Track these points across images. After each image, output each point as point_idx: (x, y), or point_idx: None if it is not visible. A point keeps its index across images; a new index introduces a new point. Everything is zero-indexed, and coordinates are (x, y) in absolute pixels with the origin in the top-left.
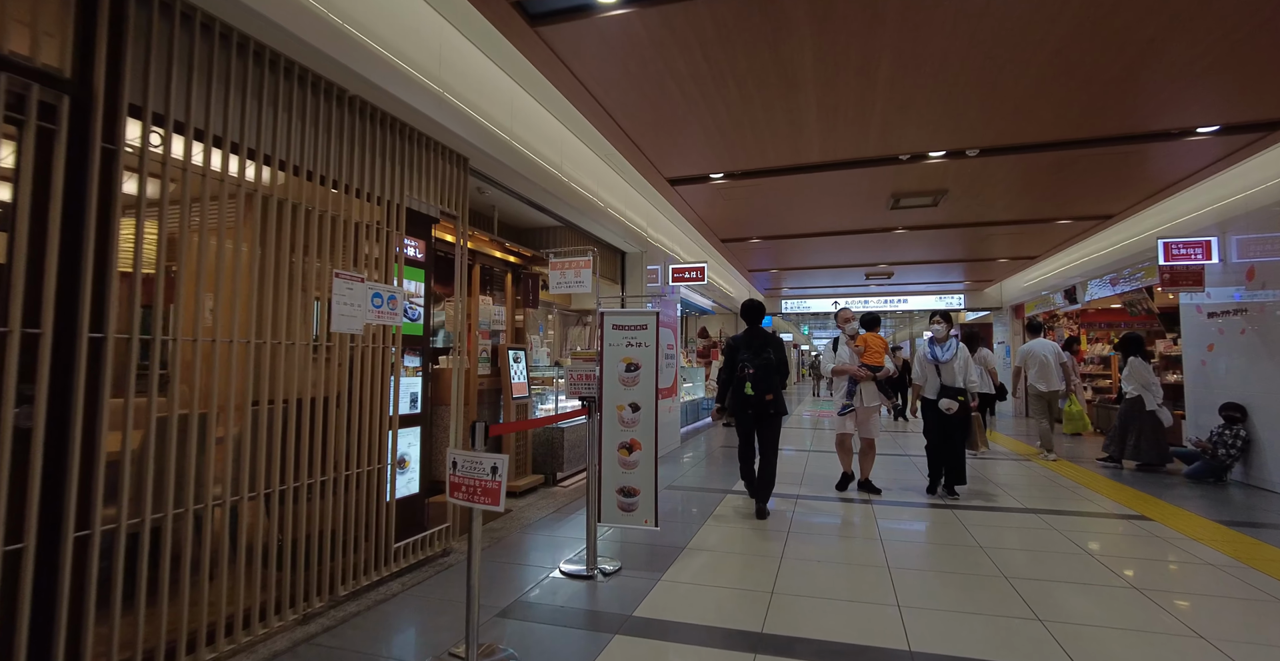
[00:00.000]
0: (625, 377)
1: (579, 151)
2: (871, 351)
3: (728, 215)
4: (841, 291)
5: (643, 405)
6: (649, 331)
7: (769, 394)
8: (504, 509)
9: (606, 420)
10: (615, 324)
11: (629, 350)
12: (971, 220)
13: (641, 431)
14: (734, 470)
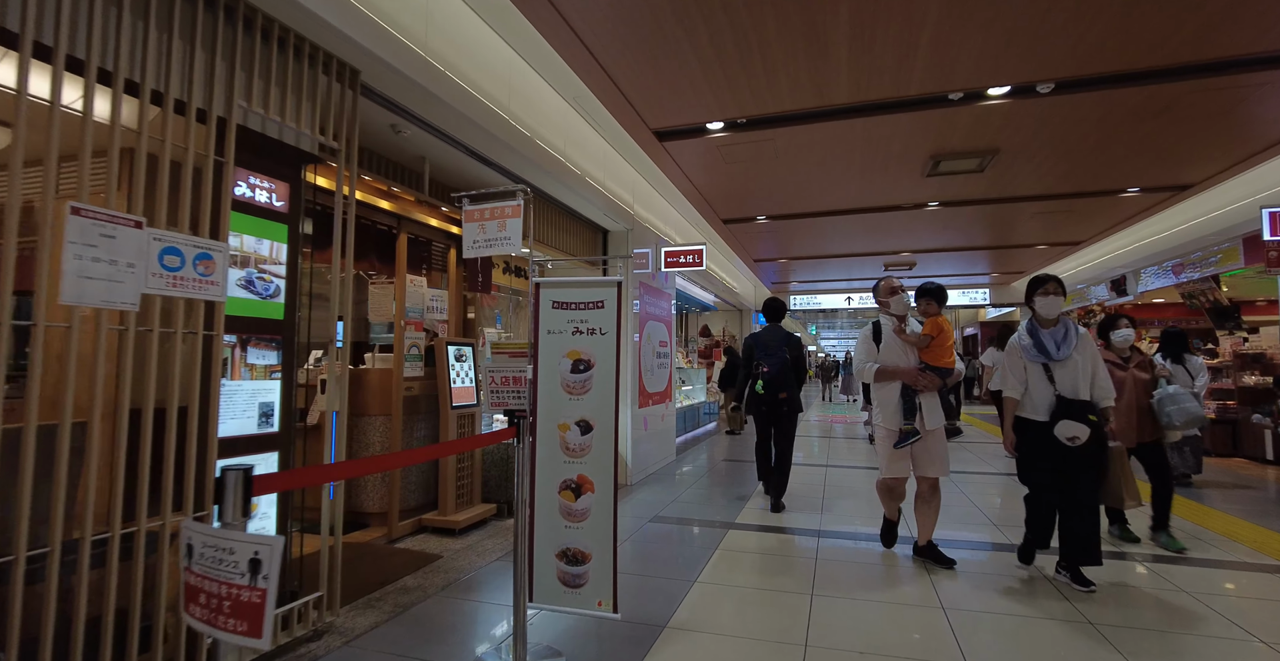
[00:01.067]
0: (571, 382)
1: (535, 88)
2: (939, 345)
3: (730, 186)
4: (856, 285)
5: (597, 423)
6: (607, 312)
7: (783, 393)
8: (268, 646)
9: (543, 446)
10: (556, 300)
11: (577, 340)
12: (1019, 193)
13: (594, 464)
14: (739, 492)
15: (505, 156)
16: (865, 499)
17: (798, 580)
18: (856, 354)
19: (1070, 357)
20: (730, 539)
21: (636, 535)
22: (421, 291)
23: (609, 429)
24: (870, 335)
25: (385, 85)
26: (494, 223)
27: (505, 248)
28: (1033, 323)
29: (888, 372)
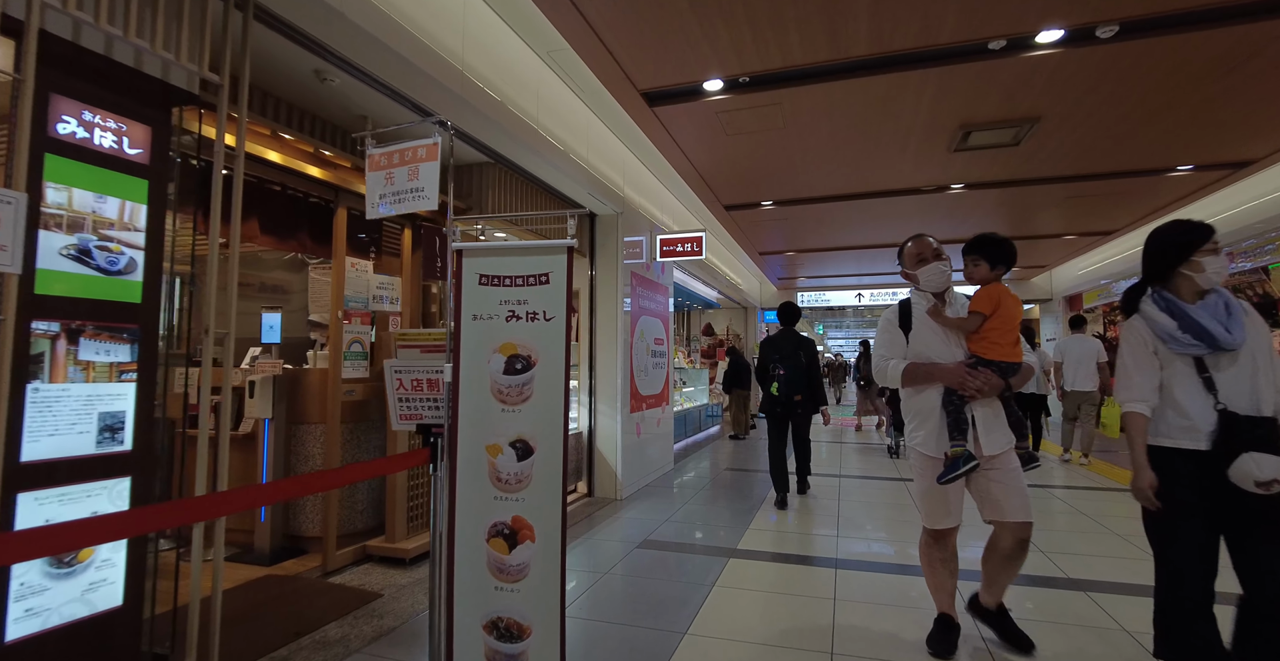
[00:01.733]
0: (504, 386)
1: (497, 36)
2: (997, 329)
3: (732, 164)
4: (867, 280)
5: (540, 445)
6: (554, 289)
7: (797, 395)
8: None
9: (465, 475)
10: (485, 273)
11: (513, 329)
12: (1054, 173)
13: (536, 501)
14: (744, 507)
15: (465, 117)
16: (884, 511)
17: (812, 635)
18: (876, 347)
19: (1242, 346)
20: (731, 571)
21: (622, 564)
22: (366, 277)
23: (555, 451)
24: (895, 319)
25: (293, 11)
26: (403, 170)
27: (418, 202)
28: (1162, 294)
29: (922, 372)
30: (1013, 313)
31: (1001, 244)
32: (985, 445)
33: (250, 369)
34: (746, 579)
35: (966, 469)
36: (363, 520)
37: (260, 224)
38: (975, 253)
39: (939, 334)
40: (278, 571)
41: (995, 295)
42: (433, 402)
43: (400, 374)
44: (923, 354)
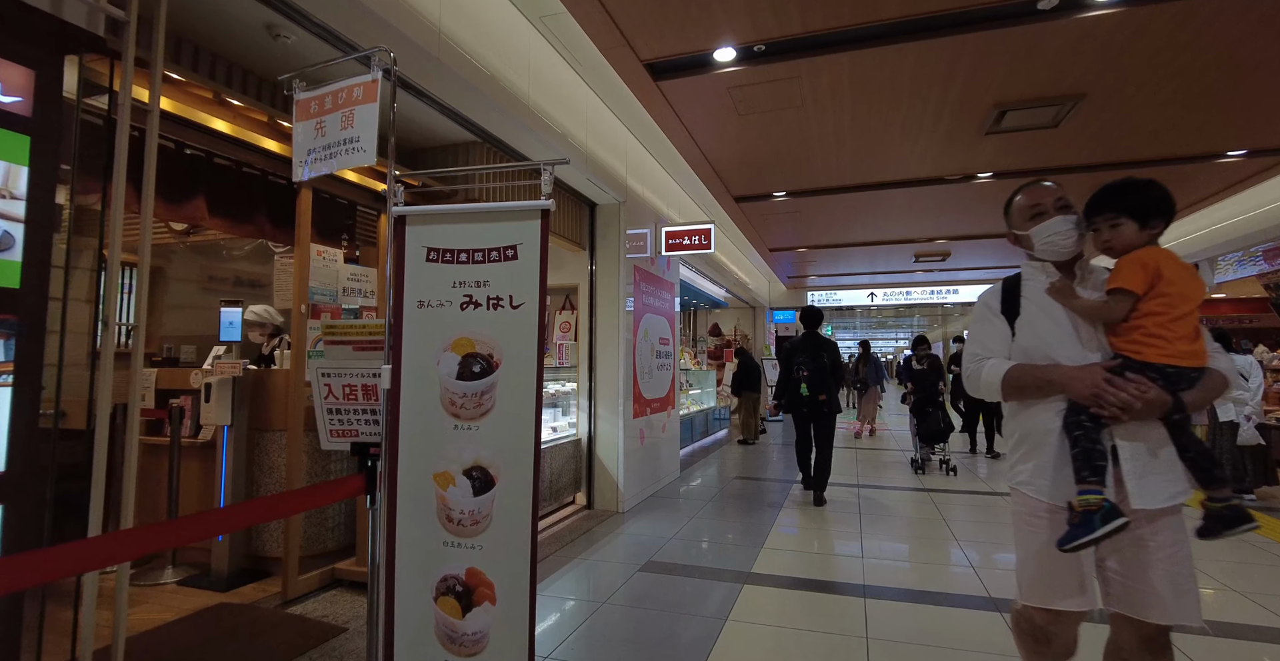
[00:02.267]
0: (457, 395)
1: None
2: (1162, 312)
3: (744, 150)
4: (880, 279)
5: (505, 473)
6: (524, 265)
7: (822, 394)
8: None
9: (407, 512)
10: (434, 247)
11: (470, 320)
12: (1094, 159)
13: (498, 549)
14: (757, 523)
15: (448, 88)
16: (911, 527)
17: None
18: (968, 342)
19: None
20: (746, 601)
21: (623, 592)
22: (335, 267)
23: (524, 483)
24: (996, 302)
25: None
26: (335, 117)
27: (352, 156)
28: None
29: (1033, 377)
30: (1186, 289)
31: (1148, 188)
32: (1136, 495)
33: (210, 370)
34: (764, 610)
35: (1108, 531)
36: (333, 539)
37: (209, 204)
38: (1112, 208)
39: (1064, 322)
40: (233, 598)
41: (1152, 263)
42: (370, 415)
43: (329, 378)
44: (1038, 351)
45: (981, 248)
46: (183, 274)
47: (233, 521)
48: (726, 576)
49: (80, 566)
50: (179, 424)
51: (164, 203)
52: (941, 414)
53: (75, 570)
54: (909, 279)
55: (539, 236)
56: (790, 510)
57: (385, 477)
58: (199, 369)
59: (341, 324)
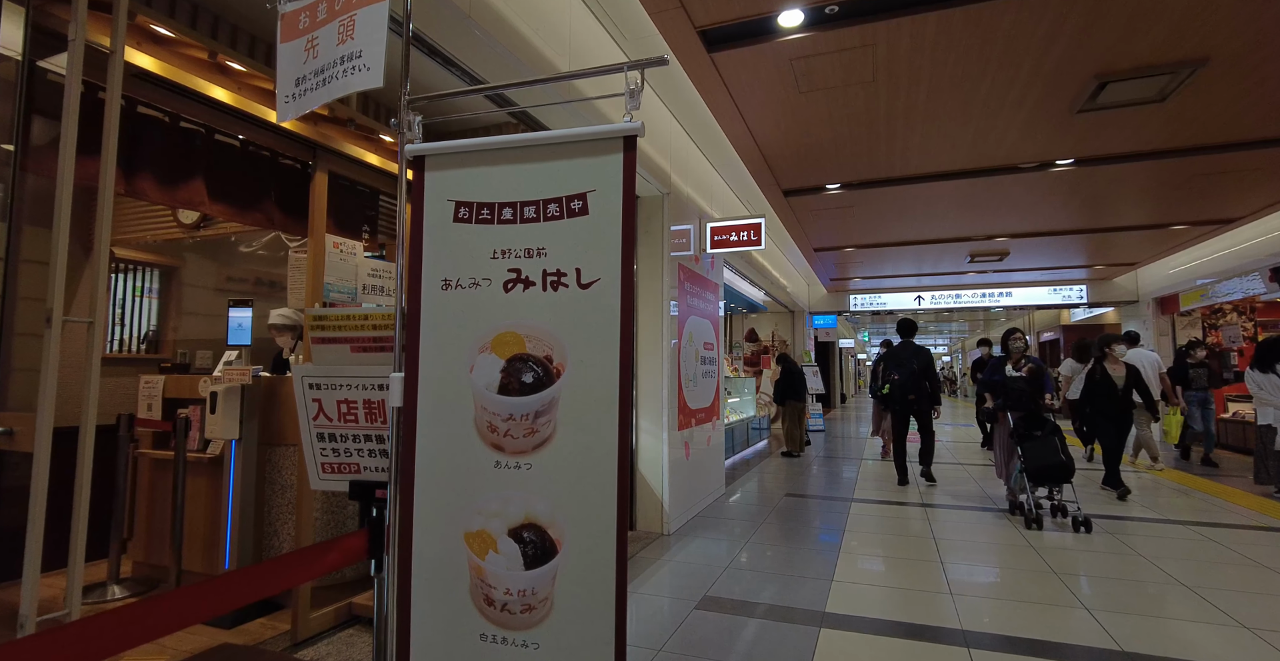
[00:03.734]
0: (498, 415)
1: None
2: None
3: (800, 134)
4: (927, 281)
5: (570, 537)
6: (596, 225)
7: (911, 394)
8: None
9: (425, 592)
10: (464, 199)
11: (517, 306)
12: (1196, 141)
13: (556, 650)
14: (822, 548)
15: (477, 60)
16: (996, 554)
17: None
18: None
19: None
20: (827, 649)
21: (678, 637)
22: (354, 261)
23: (603, 550)
24: None
25: None
26: (330, 29)
27: (353, 78)
28: None
29: None
30: None
31: None
32: None
33: (219, 378)
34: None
35: None
36: (351, 569)
37: (209, 186)
38: None
39: None
40: (238, 637)
41: None
42: (376, 443)
43: (318, 390)
44: None
45: (1043, 246)
46: (198, 273)
47: (135, 630)
48: (799, 617)
49: None
50: (184, 438)
51: (157, 183)
52: (1059, 442)
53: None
54: (959, 280)
55: (621, 178)
56: (855, 534)
57: (395, 535)
58: (207, 377)
59: (334, 313)
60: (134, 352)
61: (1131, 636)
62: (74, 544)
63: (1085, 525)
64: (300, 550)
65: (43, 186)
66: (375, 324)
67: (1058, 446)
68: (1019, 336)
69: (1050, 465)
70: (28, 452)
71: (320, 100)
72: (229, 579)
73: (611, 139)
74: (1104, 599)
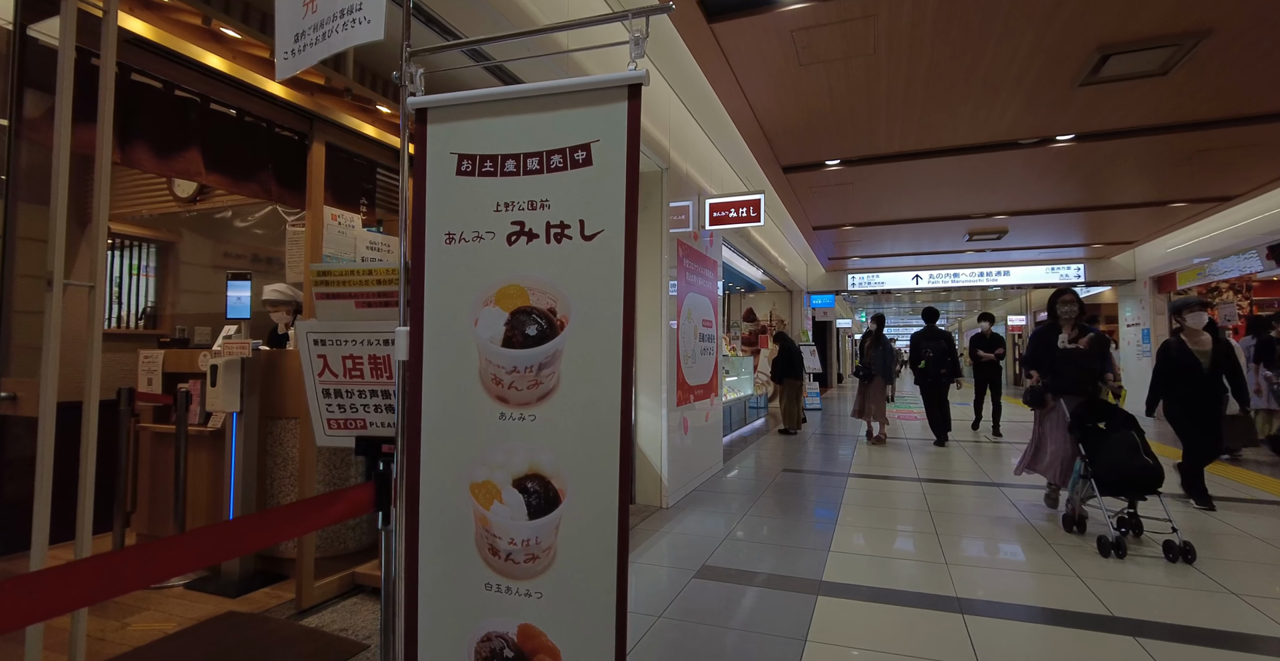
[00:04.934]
0: (502, 367)
1: None
2: None
3: (801, 109)
4: (925, 260)
5: (573, 486)
6: (600, 176)
7: (943, 369)
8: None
9: (432, 542)
10: (467, 152)
11: (521, 259)
12: (1198, 115)
13: (562, 598)
14: (818, 520)
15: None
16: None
17: None
18: None
19: None
20: (825, 617)
21: (678, 604)
22: (352, 233)
23: (605, 499)
24: None
25: None
26: None
27: (354, 31)
28: None
29: None
30: None
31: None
32: None
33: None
34: (848, 629)
35: None
36: (353, 539)
37: (205, 156)
38: None
39: None
40: (243, 605)
41: None
42: (382, 398)
43: (322, 346)
44: None
45: (1042, 224)
46: (195, 249)
47: (145, 567)
48: (797, 585)
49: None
50: (185, 411)
51: (153, 153)
52: (1138, 437)
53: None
54: (957, 260)
55: (625, 128)
56: (851, 508)
57: (402, 488)
58: (206, 350)
59: (337, 268)
60: (132, 328)
61: None
62: (81, 510)
63: (1185, 554)
64: (308, 500)
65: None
66: (379, 279)
67: (1136, 443)
68: (1070, 298)
69: (1129, 470)
70: (31, 417)
71: (320, 55)
72: (240, 524)
73: (615, 88)
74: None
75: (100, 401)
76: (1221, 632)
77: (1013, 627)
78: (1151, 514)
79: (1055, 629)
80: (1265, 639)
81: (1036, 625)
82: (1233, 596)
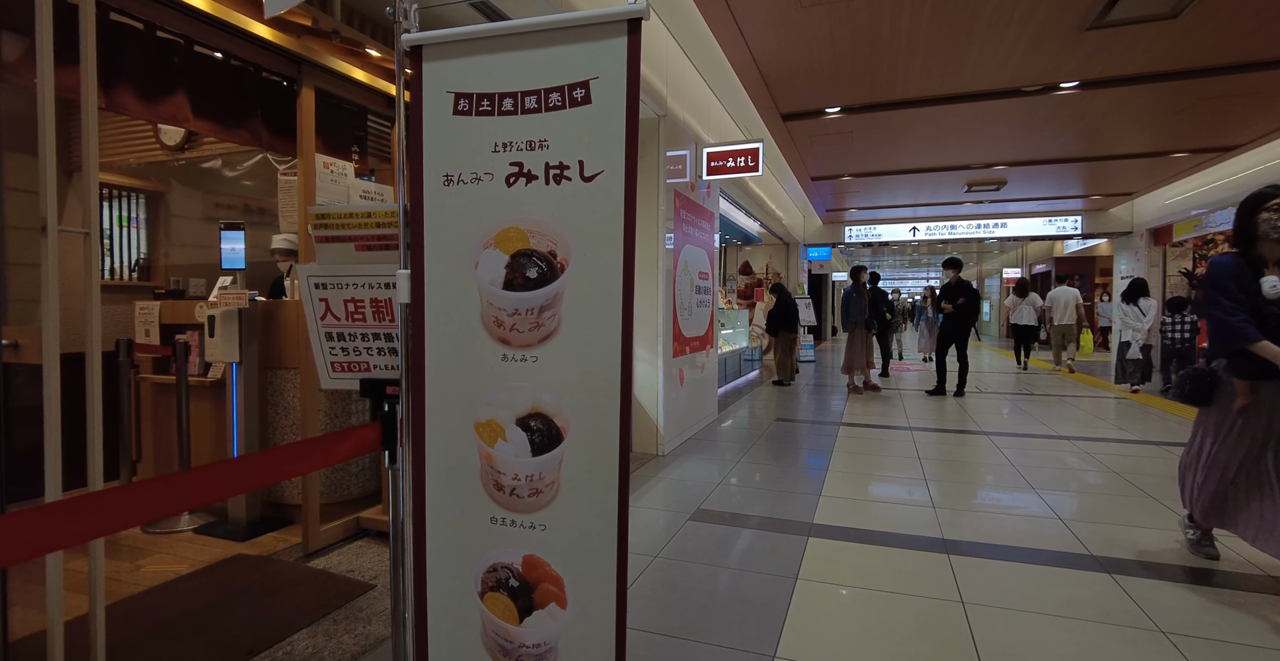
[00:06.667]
0: (504, 310)
1: None
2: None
3: (801, 54)
4: (923, 211)
5: (575, 424)
6: (599, 114)
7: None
8: None
9: (438, 479)
10: (465, 90)
11: (520, 200)
12: (1206, 61)
13: (565, 530)
14: (810, 467)
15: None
16: (979, 473)
17: (947, 647)
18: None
19: None
20: (815, 557)
21: (673, 545)
22: (345, 182)
23: (607, 436)
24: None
25: None
26: None
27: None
28: None
29: None
30: None
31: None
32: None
33: (215, 302)
34: (837, 568)
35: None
36: (356, 485)
37: (191, 101)
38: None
39: None
40: (251, 549)
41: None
42: (385, 341)
43: (324, 290)
44: None
45: (1041, 175)
46: (185, 200)
47: (154, 500)
48: (788, 527)
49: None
50: (184, 361)
51: (137, 97)
52: None
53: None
54: (955, 211)
55: (625, 64)
56: (844, 455)
57: (408, 427)
58: (204, 301)
59: (336, 211)
60: (125, 280)
61: None
62: (91, 454)
63: None
64: (315, 438)
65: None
66: (378, 221)
67: None
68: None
69: None
70: (34, 365)
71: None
72: (250, 460)
73: (615, 22)
74: None
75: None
76: None
77: (996, 566)
78: None
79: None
80: None
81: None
82: None
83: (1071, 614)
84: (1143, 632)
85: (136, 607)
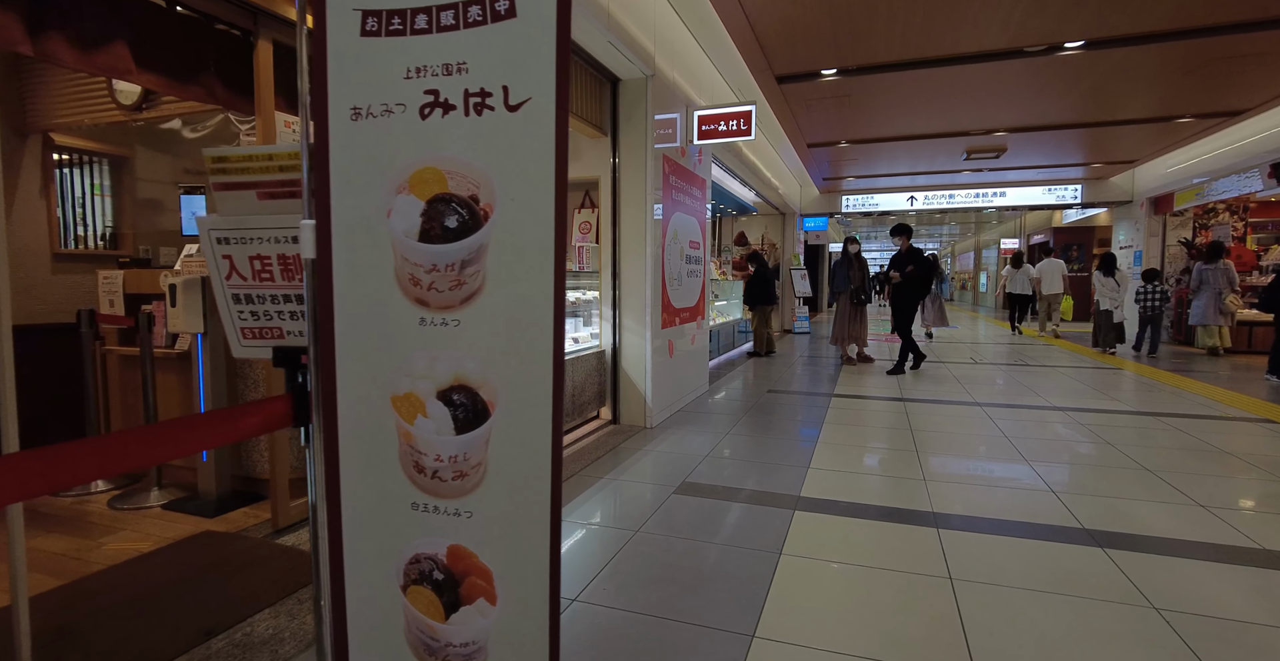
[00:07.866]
0: (420, 265)
1: None
2: None
3: (797, 13)
4: (921, 180)
5: (503, 397)
6: (526, 31)
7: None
8: None
9: (353, 459)
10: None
11: (437, 132)
12: (1216, 18)
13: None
14: (799, 439)
15: None
16: (971, 445)
17: (942, 645)
18: None
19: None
20: (801, 531)
21: (656, 518)
22: None
23: (538, 411)
24: None
25: None
26: None
27: None
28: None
29: None
30: None
31: None
32: None
33: (179, 271)
34: (823, 543)
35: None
36: None
37: (134, 52)
38: None
39: None
40: (220, 525)
41: None
42: (297, 303)
43: (226, 245)
44: None
45: (1042, 141)
46: (150, 165)
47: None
48: (774, 500)
49: None
50: (149, 332)
51: (69, 44)
52: None
53: None
54: (953, 180)
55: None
56: (834, 427)
57: (318, 402)
58: (168, 270)
59: (236, 153)
60: (92, 248)
61: None
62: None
63: None
64: (216, 411)
65: None
66: (282, 165)
67: None
68: None
69: None
70: None
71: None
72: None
73: None
74: None
75: (61, 325)
76: None
77: (985, 540)
78: None
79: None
80: None
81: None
82: None
83: (1062, 590)
84: (1135, 608)
85: (92, 587)
